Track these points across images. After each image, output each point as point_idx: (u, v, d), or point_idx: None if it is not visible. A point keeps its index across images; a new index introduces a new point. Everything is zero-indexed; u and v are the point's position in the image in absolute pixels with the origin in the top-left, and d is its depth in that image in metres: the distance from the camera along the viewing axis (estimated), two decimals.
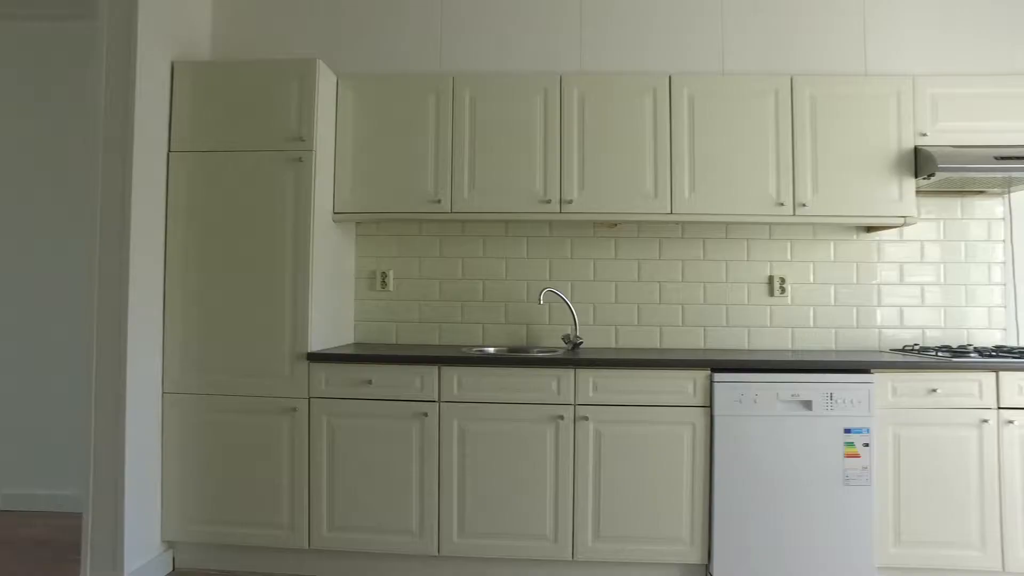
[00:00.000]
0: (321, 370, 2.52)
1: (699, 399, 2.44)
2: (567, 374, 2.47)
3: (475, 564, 2.52)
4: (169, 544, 2.64)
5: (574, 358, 2.49)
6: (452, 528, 2.47)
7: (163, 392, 2.59)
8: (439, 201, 2.74)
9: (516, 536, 2.46)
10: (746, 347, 2.97)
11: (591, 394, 2.46)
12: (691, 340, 2.99)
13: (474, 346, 2.95)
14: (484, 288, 3.02)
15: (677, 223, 2.93)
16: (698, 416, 2.44)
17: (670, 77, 2.75)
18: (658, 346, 2.99)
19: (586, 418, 2.45)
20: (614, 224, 2.94)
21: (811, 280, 2.97)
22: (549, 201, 2.73)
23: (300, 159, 2.56)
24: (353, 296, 3.03)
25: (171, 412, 2.59)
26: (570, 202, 2.72)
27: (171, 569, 2.65)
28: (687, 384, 2.45)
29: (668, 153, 2.73)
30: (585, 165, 2.74)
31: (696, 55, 3.00)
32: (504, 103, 2.77)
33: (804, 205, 2.69)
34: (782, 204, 2.70)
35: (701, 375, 2.45)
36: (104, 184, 2.43)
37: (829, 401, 2.38)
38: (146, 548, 2.52)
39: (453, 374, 2.48)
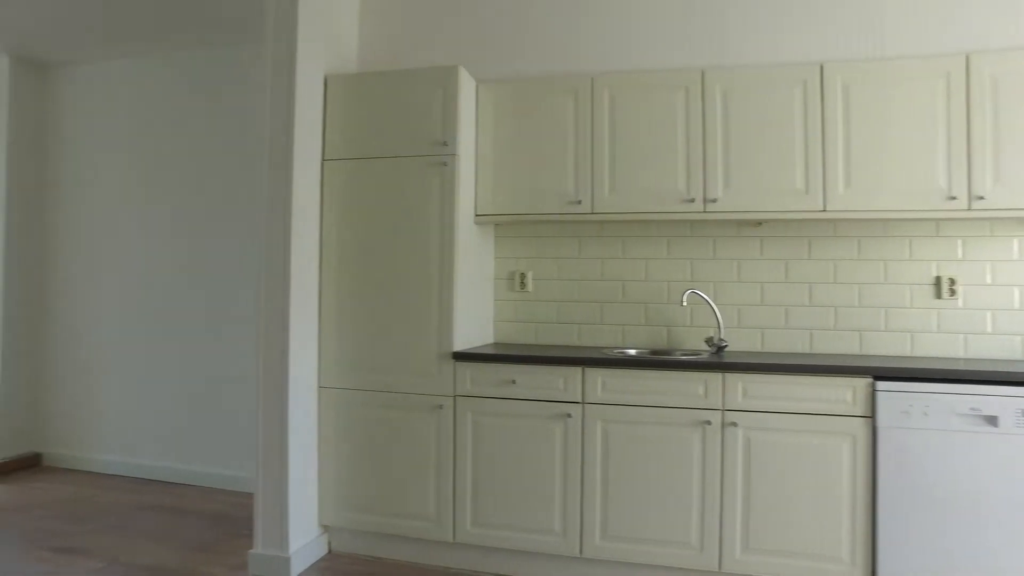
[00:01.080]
0: (466, 369, 2.59)
1: (860, 409, 2.28)
2: (715, 378, 2.38)
3: (618, 568, 2.50)
4: (325, 528, 2.82)
5: (722, 361, 2.40)
6: (595, 530, 2.47)
7: (319, 387, 2.77)
8: (579, 202, 2.73)
9: (661, 543, 2.41)
10: (909, 354, 2.74)
11: (740, 399, 2.36)
12: (845, 345, 2.80)
13: (615, 347, 2.92)
14: (624, 289, 2.98)
15: (829, 220, 2.74)
16: (859, 427, 2.28)
17: (821, 66, 2.57)
18: (808, 350, 2.82)
19: (735, 424, 2.36)
20: (759, 223, 2.80)
21: (988, 281, 2.68)
22: (692, 200, 2.65)
23: (445, 163, 2.64)
24: (492, 297, 3.09)
25: (326, 405, 2.76)
26: (714, 201, 2.63)
27: (327, 551, 2.83)
28: (846, 392, 2.30)
29: (820, 147, 2.56)
30: (730, 162, 2.63)
31: (850, 40, 2.79)
32: (644, 101, 2.71)
33: (982, 198, 2.43)
34: (954, 198, 2.45)
35: (862, 383, 2.28)
36: (270, 193, 2.63)
37: (1021, 418, 2.14)
38: (306, 530, 2.70)
39: (597, 375, 2.47)
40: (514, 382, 2.54)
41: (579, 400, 2.49)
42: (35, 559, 2.75)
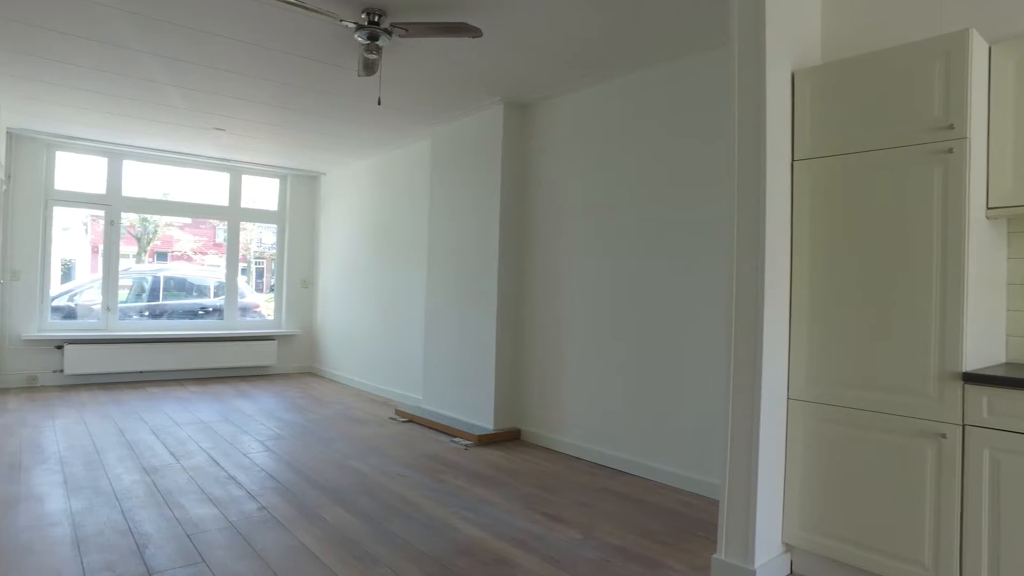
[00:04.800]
0: (981, 394, 2.15)
1: None
2: None
3: None
4: (787, 547, 2.68)
5: None
6: None
7: (788, 398, 2.65)
8: None
9: None
10: None
11: None
12: None
13: None
14: None
15: None
16: None
17: None
18: None
19: None
20: None
21: None
22: None
23: (950, 150, 2.24)
24: (1004, 306, 2.52)
25: (795, 418, 2.62)
26: None
27: (789, 572, 2.68)
28: None
29: None
30: None
31: None
32: None
33: None
34: None
35: None
36: (739, 198, 2.61)
37: None
38: (769, 546, 2.61)
39: None
40: None
41: None
42: (528, 519, 3.28)
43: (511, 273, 5.05)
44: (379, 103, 3.66)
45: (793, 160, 2.67)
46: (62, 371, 6.68)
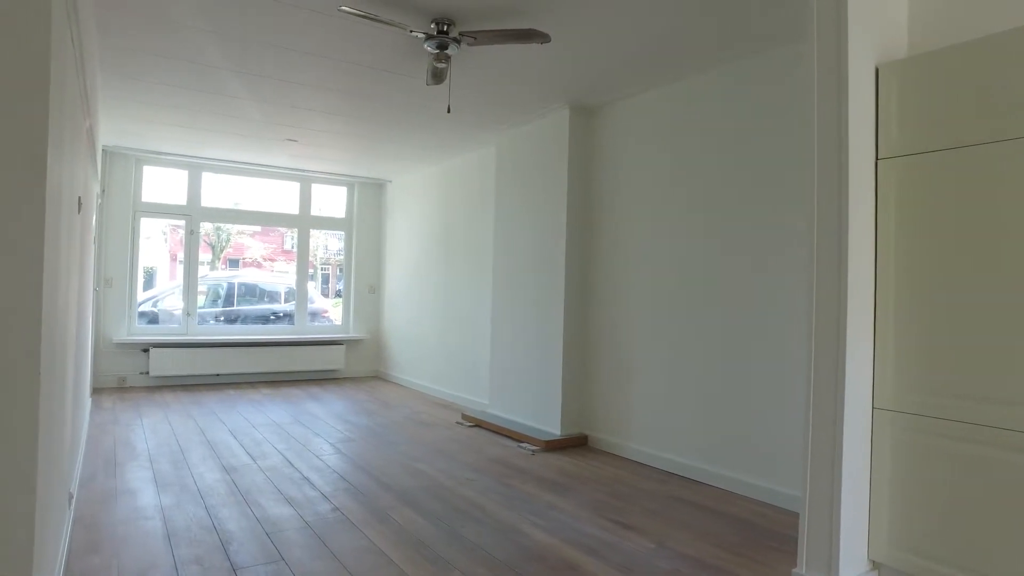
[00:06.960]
0: None
1: None
2: None
3: None
4: (874, 564, 2.55)
5: None
6: None
7: (873, 407, 2.53)
8: None
9: None
10: None
11: None
12: None
13: None
14: None
15: None
16: None
17: None
18: None
19: None
20: None
21: None
22: None
23: None
24: None
25: (881, 429, 2.50)
26: None
27: None
28: None
29: None
30: None
31: None
32: None
33: None
34: None
35: None
36: (820, 198, 2.52)
37: None
38: (854, 561, 2.49)
39: None
40: None
41: None
42: (598, 526, 3.24)
43: (578, 278, 5.02)
44: (448, 111, 3.71)
45: (877, 159, 2.56)
46: (147, 373, 7.05)
